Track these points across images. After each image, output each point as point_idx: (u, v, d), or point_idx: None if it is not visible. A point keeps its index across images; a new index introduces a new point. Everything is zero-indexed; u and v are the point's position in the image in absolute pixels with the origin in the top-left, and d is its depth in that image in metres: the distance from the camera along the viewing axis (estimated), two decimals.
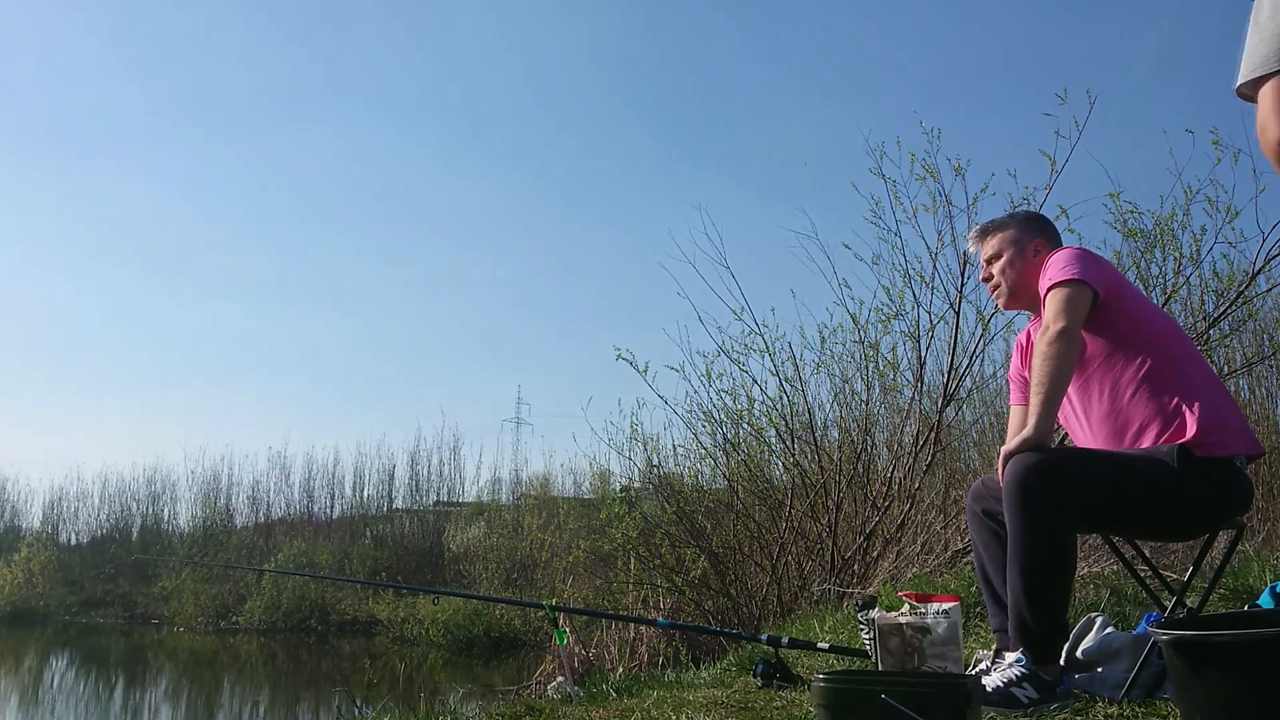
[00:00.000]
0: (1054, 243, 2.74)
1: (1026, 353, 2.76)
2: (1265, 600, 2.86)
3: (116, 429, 34.78)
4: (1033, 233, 2.74)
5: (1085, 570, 4.48)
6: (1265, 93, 1.34)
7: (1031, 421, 2.36)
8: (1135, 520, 2.49)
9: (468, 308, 36.33)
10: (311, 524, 21.48)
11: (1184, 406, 2.39)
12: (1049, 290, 2.49)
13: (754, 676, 3.15)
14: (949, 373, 6.16)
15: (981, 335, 6.12)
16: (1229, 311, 5.55)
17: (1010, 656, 2.35)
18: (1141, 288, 5.98)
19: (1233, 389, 7.57)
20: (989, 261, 2.77)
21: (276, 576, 17.68)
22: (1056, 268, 2.52)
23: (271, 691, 12.36)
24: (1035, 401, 2.38)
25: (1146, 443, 2.42)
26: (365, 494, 22.11)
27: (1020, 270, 2.72)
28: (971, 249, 2.85)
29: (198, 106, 36.50)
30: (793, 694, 2.93)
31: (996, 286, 2.77)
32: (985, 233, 2.80)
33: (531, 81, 38.25)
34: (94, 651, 16.37)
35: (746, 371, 7.09)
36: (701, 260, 6.90)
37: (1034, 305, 2.73)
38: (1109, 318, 2.51)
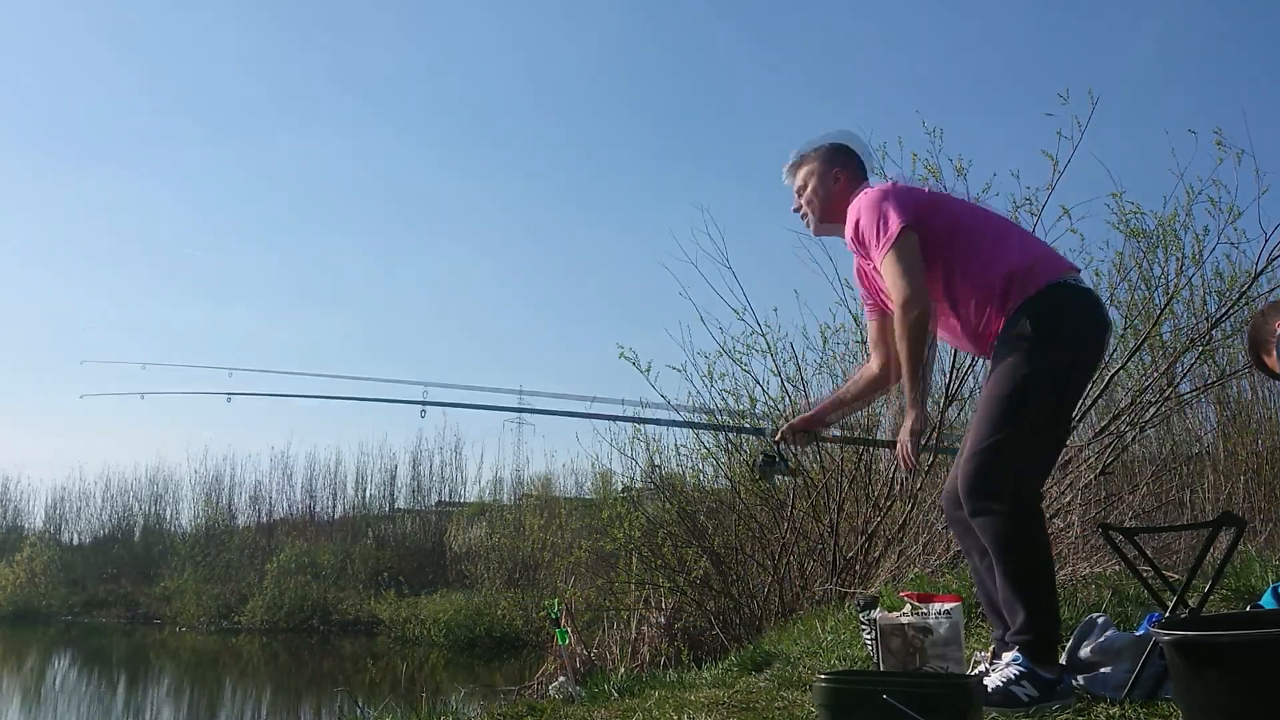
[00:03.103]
0: (856, 171, 2.84)
1: (865, 278, 2.89)
2: (1267, 600, 2.86)
3: (120, 429, 34.92)
4: (835, 163, 2.84)
5: (1087, 570, 4.48)
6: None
7: (909, 407, 2.58)
8: (1059, 403, 2.51)
9: (470, 307, 36.40)
10: (314, 524, 21.50)
11: (1004, 268, 2.51)
12: (883, 260, 2.57)
13: (753, 470, 3.10)
14: (951, 373, 6.15)
15: None
16: (1231, 312, 5.53)
17: (1008, 655, 2.35)
18: (1145, 288, 5.98)
19: (1234, 390, 7.56)
20: (798, 193, 2.89)
21: (278, 576, 17.71)
22: (873, 228, 2.58)
23: (273, 692, 12.37)
24: (906, 384, 2.55)
25: (998, 328, 2.52)
26: (367, 494, 22.17)
27: (824, 198, 2.82)
28: (786, 182, 2.95)
29: (200, 107, 36.60)
30: (794, 694, 2.93)
31: (805, 216, 2.89)
32: (795, 168, 2.90)
33: (533, 81, 38.29)
34: (96, 651, 16.39)
35: (749, 372, 7.09)
36: (703, 260, 6.89)
37: (841, 230, 2.82)
38: (925, 241, 2.58)
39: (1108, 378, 5.73)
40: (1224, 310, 5.50)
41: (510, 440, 44.35)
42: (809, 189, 2.85)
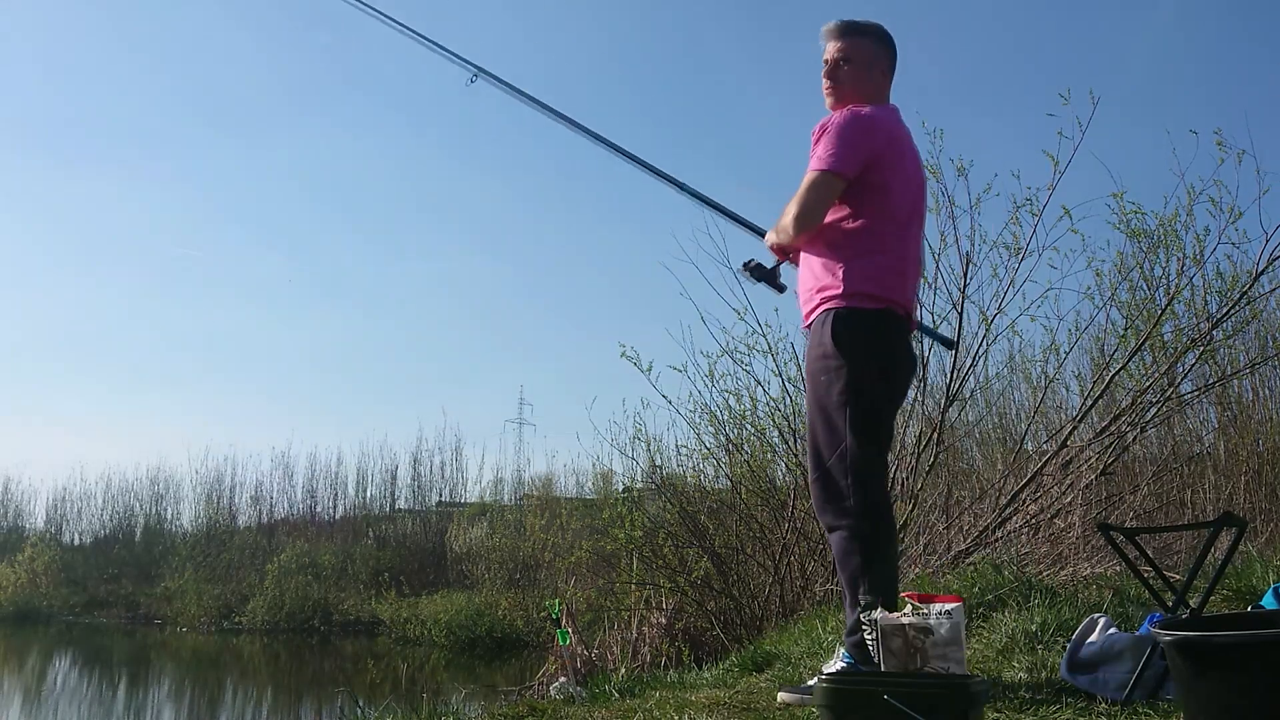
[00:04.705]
0: (888, 73, 2.78)
1: None
2: (1268, 601, 2.86)
3: (122, 428, 34.96)
4: (882, 56, 2.77)
5: (1088, 570, 4.48)
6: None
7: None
8: (871, 407, 2.60)
9: (472, 307, 36.41)
10: (314, 524, 21.50)
11: (846, 268, 2.59)
12: (808, 173, 2.62)
13: (746, 266, 2.96)
14: (951, 373, 6.15)
15: (984, 335, 6.10)
16: (1232, 312, 5.54)
17: (840, 651, 2.74)
18: (1146, 288, 5.97)
19: (1236, 390, 7.56)
20: (835, 63, 2.76)
21: (279, 576, 17.71)
22: (827, 145, 2.60)
23: (274, 692, 12.38)
24: (776, 228, 2.75)
25: (817, 302, 2.64)
26: (368, 494, 22.17)
27: (858, 86, 2.74)
28: (824, 43, 2.80)
29: (205, 106, 36.59)
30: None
31: (832, 90, 2.78)
32: (844, 34, 2.76)
33: (536, 80, 38.20)
34: (97, 652, 16.39)
35: (749, 372, 7.08)
36: (704, 260, 6.88)
37: None
38: (851, 190, 2.62)
39: (1108, 378, 5.74)
40: (1225, 310, 5.50)
41: (511, 440, 44.47)
42: (851, 66, 2.73)
